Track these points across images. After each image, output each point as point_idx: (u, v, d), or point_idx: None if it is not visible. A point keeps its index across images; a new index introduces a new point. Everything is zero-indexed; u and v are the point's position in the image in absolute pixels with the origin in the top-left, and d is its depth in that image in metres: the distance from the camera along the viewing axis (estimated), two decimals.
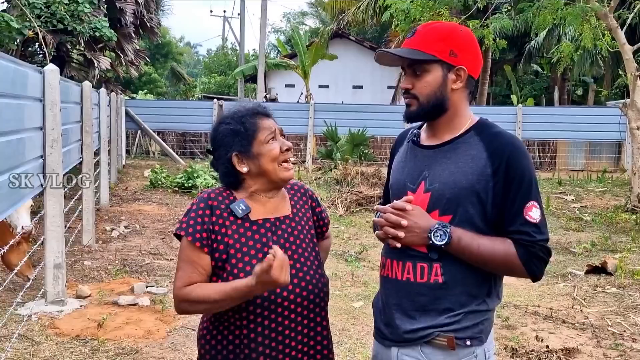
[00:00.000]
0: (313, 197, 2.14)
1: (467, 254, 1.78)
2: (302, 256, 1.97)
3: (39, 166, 4.83)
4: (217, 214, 1.92)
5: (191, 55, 57.63)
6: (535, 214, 1.78)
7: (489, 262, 1.79)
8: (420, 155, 1.92)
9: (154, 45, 29.02)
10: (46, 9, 11.83)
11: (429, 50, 1.82)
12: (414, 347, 1.83)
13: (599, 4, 9.96)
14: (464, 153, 1.83)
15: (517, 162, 1.79)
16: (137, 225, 8.51)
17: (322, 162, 14.65)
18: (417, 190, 1.87)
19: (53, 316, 4.82)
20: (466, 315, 1.81)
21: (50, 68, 5.05)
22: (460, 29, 1.88)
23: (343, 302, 5.39)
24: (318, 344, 1.98)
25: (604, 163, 16.47)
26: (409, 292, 1.85)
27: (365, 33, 31.96)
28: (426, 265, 1.82)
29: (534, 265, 1.79)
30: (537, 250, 1.78)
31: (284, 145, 1.96)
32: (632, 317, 5.13)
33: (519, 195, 1.78)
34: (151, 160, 17.43)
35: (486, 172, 1.79)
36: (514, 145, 1.81)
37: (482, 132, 1.86)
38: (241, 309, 1.87)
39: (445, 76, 1.84)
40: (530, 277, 1.82)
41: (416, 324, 1.83)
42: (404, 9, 11.07)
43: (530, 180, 1.80)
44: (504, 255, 1.78)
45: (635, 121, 10.02)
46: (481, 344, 1.83)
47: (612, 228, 8.88)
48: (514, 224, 1.78)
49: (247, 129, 1.94)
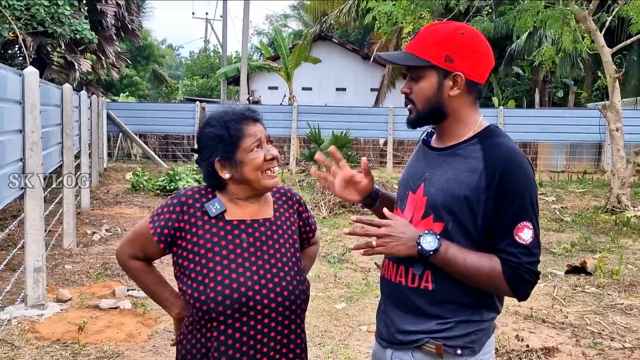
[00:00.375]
0: (300, 202, 2.11)
1: (454, 266, 1.73)
2: (279, 261, 1.92)
3: (19, 169, 4.79)
4: (190, 212, 1.91)
5: (173, 58, 57.34)
6: (527, 235, 1.71)
7: (474, 277, 1.73)
8: (426, 156, 1.88)
9: (136, 48, 28.88)
10: (26, 11, 11.72)
11: (424, 55, 1.75)
12: (406, 350, 1.81)
13: (578, 7, 10.08)
14: (463, 161, 1.77)
15: (512, 178, 1.70)
16: (119, 228, 8.45)
17: (305, 164, 14.65)
18: (417, 191, 1.84)
19: (33, 320, 4.78)
20: (458, 324, 1.77)
21: (30, 71, 5.01)
22: (461, 32, 1.76)
23: (326, 303, 5.40)
24: (291, 352, 1.92)
25: (584, 164, 16.66)
26: (400, 295, 1.84)
27: (348, 35, 32.02)
28: None
29: (519, 287, 1.73)
30: (522, 272, 1.71)
31: (269, 154, 1.91)
32: (610, 316, 5.20)
33: (509, 213, 1.70)
34: (133, 163, 17.32)
35: (480, 184, 1.72)
36: (512, 159, 1.72)
37: (485, 140, 1.78)
38: (215, 312, 1.83)
39: (440, 82, 1.76)
40: (515, 297, 1.76)
41: (408, 325, 1.81)
42: (386, 12, 11.11)
43: (524, 198, 1.71)
44: (489, 272, 1.72)
45: (615, 123, 10.15)
46: (473, 354, 1.79)
47: (592, 228, 8.98)
48: (502, 242, 1.72)
49: (231, 135, 1.89)
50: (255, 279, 1.86)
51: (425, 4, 11.14)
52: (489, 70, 1.83)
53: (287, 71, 22.48)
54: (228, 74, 24.27)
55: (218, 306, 1.82)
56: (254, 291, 1.84)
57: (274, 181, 1.93)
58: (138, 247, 1.98)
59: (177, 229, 1.90)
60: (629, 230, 8.74)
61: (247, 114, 1.94)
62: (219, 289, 1.83)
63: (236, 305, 1.83)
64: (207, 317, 1.84)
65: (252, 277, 1.86)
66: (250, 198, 1.96)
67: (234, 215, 1.94)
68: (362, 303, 5.43)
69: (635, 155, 10.64)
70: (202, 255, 1.88)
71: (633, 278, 6.33)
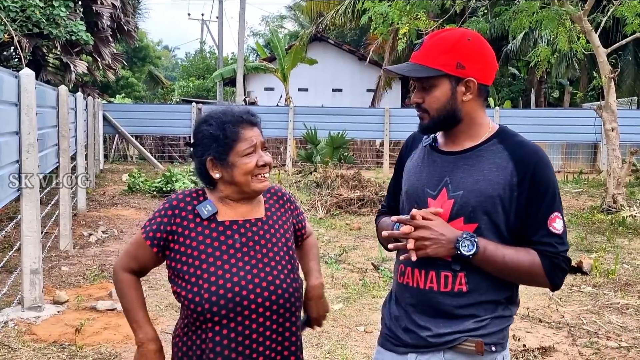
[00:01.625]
0: (291, 200, 2.12)
1: (492, 264, 1.75)
2: (272, 260, 1.93)
3: (15, 171, 4.78)
4: (182, 215, 1.92)
5: (169, 59, 57.31)
6: (559, 224, 1.77)
7: (514, 272, 1.76)
8: (439, 160, 1.87)
9: (132, 49, 28.82)
10: (21, 13, 11.71)
11: (434, 64, 1.78)
12: (436, 352, 1.80)
13: (573, 8, 10.11)
14: (488, 161, 1.80)
15: (543, 173, 1.77)
16: (115, 230, 8.45)
17: (302, 165, 14.66)
18: (438, 196, 1.83)
19: (30, 322, 4.77)
20: (492, 321, 1.80)
21: (26, 72, 5.00)
22: (467, 38, 1.80)
23: None
24: (285, 349, 1.92)
25: (580, 164, 16.71)
26: (431, 300, 1.82)
27: (344, 36, 32.05)
28: (450, 274, 1.79)
29: (556, 276, 1.78)
30: (560, 262, 1.77)
31: (261, 160, 1.91)
32: (606, 315, 5.21)
33: (543, 205, 1.76)
34: (129, 164, 17.30)
35: (512, 181, 1.76)
36: (539, 155, 1.80)
37: (505, 140, 1.84)
38: (210, 313, 1.83)
39: (454, 89, 1.79)
40: (551, 287, 1.81)
41: (442, 329, 1.80)
42: (382, 13, 11.12)
43: (554, 191, 1.79)
44: (529, 267, 1.75)
45: (610, 123, 10.17)
46: (503, 350, 1.83)
47: (588, 228, 9.01)
48: (538, 234, 1.76)
49: (226, 136, 1.89)
50: (248, 278, 1.87)
51: (421, 4, 11.14)
52: (495, 71, 1.89)
53: (283, 72, 22.49)
54: (224, 75, 24.27)
55: (212, 307, 1.83)
56: (248, 290, 1.85)
57: (263, 185, 1.94)
58: (133, 255, 1.99)
59: (170, 232, 1.92)
60: (624, 230, 8.76)
61: (246, 117, 1.94)
62: (213, 289, 1.84)
63: (230, 305, 1.83)
64: (201, 318, 1.85)
65: (246, 276, 1.87)
66: (243, 199, 1.97)
67: (226, 216, 1.95)
68: (359, 304, 5.43)
69: (631, 155, 10.68)
70: (195, 257, 1.89)
71: (629, 277, 6.35)
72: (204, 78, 35.60)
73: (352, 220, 9.37)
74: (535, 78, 23.88)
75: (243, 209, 1.97)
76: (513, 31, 11.45)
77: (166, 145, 18.30)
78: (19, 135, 4.87)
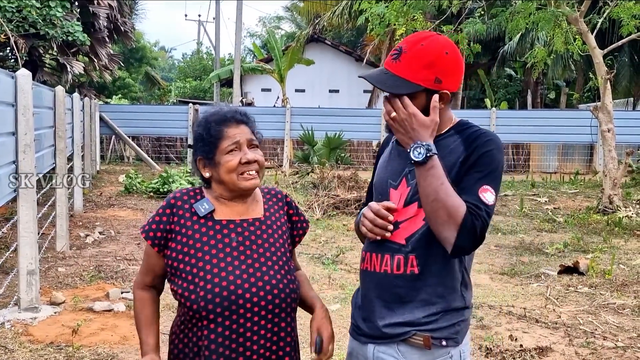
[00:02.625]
0: (292, 205, 2.11)
1: (428, 182, 1.76)
2: (269, 259, 1.93)
3: (12, 171, 4.78)
4: (179, 214, 1.94)
5: (166, 60, 57.28)
6: (490, 197, 1.78)
7: (440, 202, 1.74)
8: (403, 154, 1.92)
9: (128, 50, 28.77)
10: (18, 13, 11.68)
11: (414, 79, 1.81)
12: (391, 344, 1.85)
13: (569, 9, 10.13)
14: (443, 148, 1.86)
15: (489, 150, 1.82)
16: (112, 231, 8.44)
17: (299, 166, 14.67)
18: (399, 186, 1.91)
19: (27, 323, 4.76)
20: (443, 315, 1.84)
21: (23, 73, 5.00)
22: (445, 51, 1.83)
23: None
24: (280, 350, 1.92)
25: (576, 165, 16.74)
26: (387, 284, 1.88)
27: (341, 37, 32.08)
28: (402, 257, 1.85)
29: (466, 233, 1.73)
30: (477, 224, 1.73)
31: (245, 158, 1.91)
32: (603, 315, 5.23)
33: (480, 174, 1.80)
34: (126, 165, 17.27)
35: (459, 159, 1.83)
36: (491, 139, 1.85)
37: (462, 130, 1.90)
38: (205, 311, 1.84)
39: (428, 100, 1.83)
40: (453, 246, 1.75)
41: (395, 317, 1.85)
42: (378, 13, 11.14)
43: (496, 170, 1.82)
44: (454, 206, 1.73)
45: (606, 124, 10.20)
46: (457, 345, 1.86)
47: (584, 229, 9.03)
48: (468, 196, 1.77)
49: (211, 135, 1.93)
50: (244, 277, 1.87)
51: (417, 5, 11.16)
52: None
53: (280, 73, 22.50)
54: (221, 76, 24.27)
55: (207, 305, 1.83)
56: (243, 289, 1.85)
57: (251, 183, 1.92)
58: (144, 266, 2.03)
59: (168, 231, 1.93)
60: (620, 230, 8.78)
61: (230, 115, 1.96)
62: (209, 287, 1.84)
63: (225, 304, 1.84)
64: (197, 317, 1.86)
65: (242, 275, 1.87)
66: (235, 198, 1.97)
67: (223, 215, 1.95)
68: None
69: (627, 156, 10.71)
70: (191, 255, 1.89)
71: (625, 278, 6.36)
72: (200, 79, 35.61)
73: (349, 221, 9.37)
74: (531, 79, 23.96)
75: (240, 208, 1.97)
76: (510, 32, 11.48)
77: (163, 146, 18.28)
78: (15, 135, 4.87)
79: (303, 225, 2.13)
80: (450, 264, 1.86)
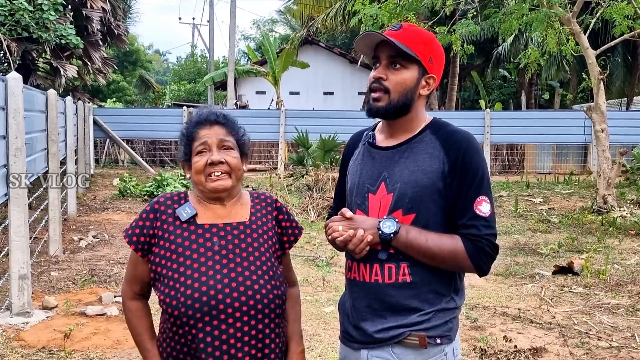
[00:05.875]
0: (282, 210, 2.06)
1: (416, 247, 1.79)
2: (252, 264, 1.89)
3: (3, 175, 4.75)
4: (162, 218, 1.92)
5: (160, 63, 57.22)
6: (485, 208, 1.81)
7: (438, 255, 1.80)
8: (377, 157, 1.93)
9: (122, 53, 28.70)
10: (10, 17, 11.64)
11: (413, 49, 1.84)
12: (385, 347, 1.84)
13: (562, 10, 10.15)
14: (422, 152, 1.86)
15: (471, 158, 1.82)
16: (106, 234, 8.40)
17: (293, 168, 14.63)
18: (377, 191, 1.88)
19: (18, 328, 4.73)
20: (436, 314, 1.83)
21: (13, 76, 4.98)
22: (437, 40, 1.92)
23: (314, 307, 5.39)
24: (265, 357, 1.88)
25: (570, 166, 16.77)
26: (377, 293, 1.86)
27: (335, 39, 32.07)
28: (394, 266, 1.84)
29: (481, 260, 1.80)
30: (483, 245, 1.79)
31: (210, 159, 1.89)
32: (597, 315, 5.22)
33: (471, 189, 1.81)
34: (120, 169, 17.22)
35: (444, 169, 1.82)
36: (469, 142, 1.85)
37: (438, 130, 1.89)
38: (186, 316, 1.81)
39: (419, 79, 1.86)
40: (477, 272, 1.83)
41: (387, 323, 1.84)
42: (371, 15, 11.13)
43: (482, 175, 1.83)
44: (451, 250, 1.79)
45: (600, 124, 10.22)
46: (450, 342, 1.86)
47: (579, 229, 9.04)
48: (464, 217, 1.81)
49: (186, 137, 1.95)
50: (225, 282, 1.84)
51: (410, 6, 11.16)
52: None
53: (275, 75, 22.48)
54: (215, 79, 24.24)
55: (188, 310, 1.81)
56: (224, 294, 1.82)
57: (217, 184, 1.89)
58: (130, 274, 2.01)
59: (152, 236, 1.91)
60: (615, 230, 8.79)
61: (204, 116, 1.95)
62: (189, 293, 1.82)
63: (205, 309, 1.81)
64: (178, 322, 1.84)
65: (223, 280, 1.84)
66: (212, 200, 1.95)
67: (206, 219, 1.93)
68: None
69: (621, 156, 10.73)
70: (173, 260, 1.88)
71: (619, 278, 6.37)
72: (195, 82, 35.54)
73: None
74: (525, 80, 24.01)
75: (222, 211, 1.95)
76: (503, 33, 11.48)
77: (157, 149, 18.23)
78: (6, 139, 4.84)
79: (295, 232, 2.08)
80: (443, 271, 1.85)
